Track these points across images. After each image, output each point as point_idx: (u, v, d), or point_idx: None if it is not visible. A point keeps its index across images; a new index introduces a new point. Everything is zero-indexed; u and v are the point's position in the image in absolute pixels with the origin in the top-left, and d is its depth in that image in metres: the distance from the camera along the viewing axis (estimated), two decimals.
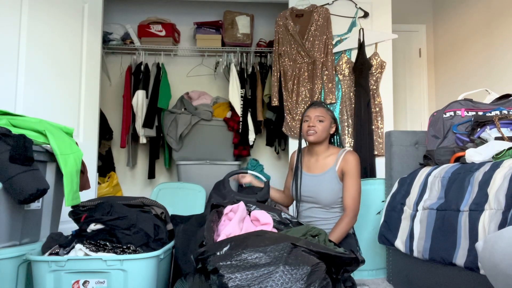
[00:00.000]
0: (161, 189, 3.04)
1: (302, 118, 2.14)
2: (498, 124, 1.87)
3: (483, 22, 3.36)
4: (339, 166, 2.06)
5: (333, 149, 2.14)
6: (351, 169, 2.04)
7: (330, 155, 2.11)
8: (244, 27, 3.91)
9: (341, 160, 2.06)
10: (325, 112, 2.11)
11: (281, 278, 1.04)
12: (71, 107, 2.82)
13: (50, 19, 2.67)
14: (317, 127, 2.06)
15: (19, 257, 1.54)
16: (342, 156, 2.07)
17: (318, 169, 2.11)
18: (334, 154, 2.11)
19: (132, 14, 4.09)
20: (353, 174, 2.03)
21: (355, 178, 2.04)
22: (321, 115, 2.08)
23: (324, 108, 2.14)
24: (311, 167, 2.14)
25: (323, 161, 2.11)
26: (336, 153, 2.10)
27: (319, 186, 2.06)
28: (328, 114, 2.12)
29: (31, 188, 1.47)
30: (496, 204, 1.39)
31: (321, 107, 2.13)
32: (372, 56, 3.24)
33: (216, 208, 1.57)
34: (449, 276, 1.68)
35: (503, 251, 1.00)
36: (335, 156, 2.09)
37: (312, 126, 2.07)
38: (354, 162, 2.05)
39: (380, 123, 3.20)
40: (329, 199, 2.05)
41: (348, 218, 1.99)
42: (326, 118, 2.09)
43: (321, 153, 2.13)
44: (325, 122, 2.09)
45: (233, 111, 3.78)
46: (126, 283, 1.45)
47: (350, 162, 2.04)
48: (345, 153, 2.08)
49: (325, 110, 2.13)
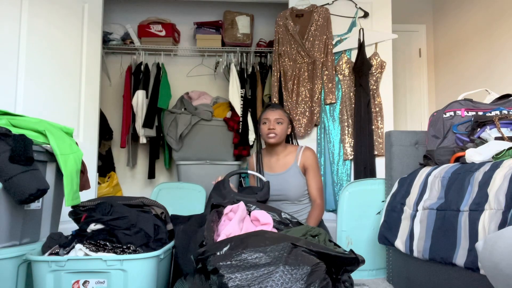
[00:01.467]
0: (161, 189, 3.03)
1: (260, 120, 2.27)
2: (498, 124, 1.87)
3: (483, 22, 3.36)
4: (300, 162, 2.23)
5: (290, 147, 2.30)
6: (312, 164, 2.22)
7: (289, 153, 2.27)
8: (244, 27, 3.91)
9: (301, 156, 2.23)
10: (283, 114, 2.25)
11: (281, 278, 1.04)
12: (71, 107, 2.83)
13: (50, 19, 2.67)
14: (276, 129, 2.20)
15: (19, 257, 1.54)
16: (301, 152, 2.24)
17: (280, 168, 2.25)
18: (293, 152, 2.26)
19: (132, 14, 4.09)
20: (314, 168, 2.22)
21: (316, 171, 2.23)
22: (279, 118, 2.22)
23: (282, 110, 2.28)
24: (273, 166, 2.28)
25: (283, 159, 2.26)
26: (294, 151, 2.26)
27: (286, 183, 2.19)
28: (285, 115, 2.27)
29: (31, 188, 1.47)
30: (496, 204, 1.39)
31: (279, 109, 2.27)
32: (372, 56, 3.24)
33: (216, 208, 1.57)
34: (449, 276, 1.68)
35: (503, 251, 1.00)
36: (294, 154, 2.25)
37: (272, 129, 2.20)
38: (313, 157, 2.23)
39: (380, 123, 3.20)
40: (297, 194, 2.21)
41: (319, 208, 2.17)
42: (284, 120, 2.23)
43: (280, 153, 2.28)
44: (284, 124, 2.23)
45: (233, 111, 3.78)
46: (126, 283, 1.45)
47: (310, 158, 2.23)
48: (303, 149, 2.25)
49: (283, 112, 2.27)
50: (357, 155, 3.13)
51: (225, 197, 1.95)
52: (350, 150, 3.17)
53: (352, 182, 2.49)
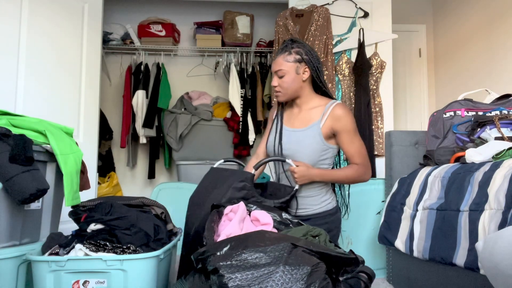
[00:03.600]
0: (161, 189, 3.03)
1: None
2: (498, 124, 1.87)
3: (483, 22, 3.36)
4: (325, 123, 1.70)
5: (319, 100, 1.77)
6: (346, 125, 1.69)
7: (316, 107, 1.75)
8: (244, 27, 3.91)
9: (328, 116, 1.70)
10: (283, 62, 1.71)
11: (281, 278, 1.04)
12: (71, 107, 2.83)
13: (51, 19, 2.67)
14: (279, 85, 1.73)
15: (19, 257, 1.54)
16: (330, 110, 1.70)
17: (300, 123, 1.77)
18: (321, 106, 1.74)
19: (132, 14, 4.09)
20: (350, 130, 1.70)
21: (353, 135, 1.71)
22: (280, 69, 1.71)
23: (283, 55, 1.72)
24: (293, 120, 1.80)
25: (307, 114, 1.76)
26: (323, 106, 1.73)
27: (300, 143, 1.74)
28: (288, 62, 1.71)
29: (31, 188, 1.47)
30: (496, 204, 1.39)
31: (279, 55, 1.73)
32: (372, 56, 3.24)
33: (216, 208, 1.57)
34: (449, 276, 1.68)
35: (503, 251, 1.00)
36: (321, 109, 1.73)
37: (274, 86, 1.75)
38: (347, 118, 1.70)
39: (380, 123, 3.20)
40: (309, 159, 1.72)
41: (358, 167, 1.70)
42: (287, 69, 1.71)
43: (303, 104, 1.78)
44: (287, 75, 1.71)
45: (233, 111, 3.78)
46: (126, 283, 1.44)
47: (342, 119, 1.69)
48: (333, 106, 1.71)
49: (283, 59, 1.72)
50: None
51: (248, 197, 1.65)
52: None
53: None
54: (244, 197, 1.61)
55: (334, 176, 1.74)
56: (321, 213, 1.78)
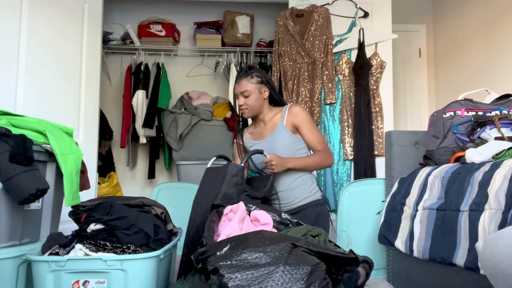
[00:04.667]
0: (161, 189, 3.03)
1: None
2: (498, 124, 1.87)
3: (483, 22, 3.36)
4: (287, 121, 1.99)
5: (276, 109, 2.07)
6: (302, 120, 1.98)
7: (276, 114, 2.05)
8: (244, 27, 3.92)
9: (287, 115, 1.99)
10: (248, 84, 1.98)
11: (281, 278, 1.04)
12: (71, 107, 2.83)
13: (50, 19, 2.67)
14: (245, 104, 1.99)
15: (19, 257, 1.54)
16: (287, 110, 2.00)
17: (267, 132, 2.05)
18: (279, 112, 2.04)
19: (132, 14, 4.09)
20: (307, 123, 1.98)
21: (311, 126, 1.99)
22: (244, 90, 1.98)
23: (247, 78, 1.99)
24: (261, 134, 2.08)
25: (270, 122, 2.05)
26: (281, 111, 2.04)
27: (273, 145, 1.98)
28: (251, 84, 1.98)
29: (31, 188, 1.47)
30: (496, 204, 1.39)
31: (243, 79, 2.00)
32: (372, 56, 3.24)
33: (216, 208, 1.57)
34: (449, 276, 1.68)
35: (503, 251, 1.00)
36: (280, 114, 2.03)
37: (241, 105, 2.00)
38: (302, 113, 1.98)
39: (380, 123, 3.20)
40: (286, 153, 1.96)
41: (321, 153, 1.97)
42: (251, 91, 1.98)
43: (265, 117, 2.06)
44: (252, 95, 1.98)
45: (233, 111, 3.78)
46: (126, 283, 1.44)
47: (298, 114, 1.98)
48: (289, 107, 2.02)
49: (247, 81, 1.99)
50: (357, 155, 3.13)
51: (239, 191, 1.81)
52: (350, 150, 3.17)
53: (352, 182, 2.49)
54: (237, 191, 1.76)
55: (304, 161, 1.97)
56: (311, 202, 2.00)
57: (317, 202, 2.01)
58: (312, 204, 2.00)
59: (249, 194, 1.78)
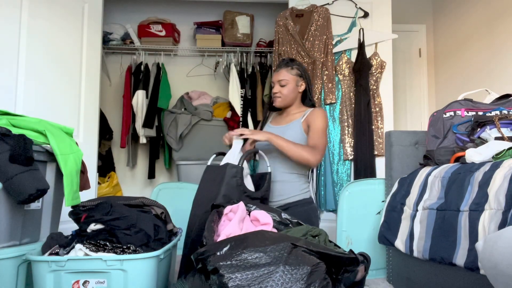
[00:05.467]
0: (161, 189, 3.03)
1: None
2: (498, 124, 1.87)
3: (483, 22, 3.36)
4: (305, 119, 2.04)
5: (304, 108, 2.13)
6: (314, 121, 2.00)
7: (300, 111, 2.11)
8: (244, 27, 3.92)
9: (308, 114, 2.05)
10: (287, 74, 2.06)
11: (281, 278, 1.04)
12: (71, 107, 2.83)
13: (50, 19, 2.67)
14: (280, 92, 2.06)
15: (19, 257, 1.54)
16: (310, 111, 2.06)
17: (284, 122, 2.12)
18: (304, 111, 2.10)
19: (132, 14, 4.09)
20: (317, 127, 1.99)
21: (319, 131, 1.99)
22: (283, 79, 2.05)
23: (287, 69, 2.07)
24: (279, 121, 2.16)
25: (291, 115, 2.12)
26: (306, 110, 2.10)
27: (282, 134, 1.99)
28: (290, 74, 2.06)
29: (31, 188, 1.47)
30: (496, 204, 1.39)
31: (283, 68, 2.07)
32: (372, 56, 3.24)
33: (216, 208, 1.57)
34: (449, 276, 1.68)
35: (503, 251, 1.00)
36: (303, 112, 2.09)
37: (275, 92, 2.07)
38: (320, 116, 2.01)
39: (380, 123, 3.20)
40: None
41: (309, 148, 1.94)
42: (289, 80, 2.05)
43: (291, 110, 2.13)
44: (289, 85, 2.05)
45: (233, 111, 3.78)
46: (126, 283, 1.44)
47: (315, 116, 2.02)
48: (313, 109, 2.08)
49: (287, 71, 2.06)
50: (357, 155, 3.13)
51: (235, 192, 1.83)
52: (350, 150, 3.17)
53: (352, 182, 2.49)
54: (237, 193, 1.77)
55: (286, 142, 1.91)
56: (300, 200, 2.02)
57: (306, 201, 2.05)
58: (300, 203, 2.02)
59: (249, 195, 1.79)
